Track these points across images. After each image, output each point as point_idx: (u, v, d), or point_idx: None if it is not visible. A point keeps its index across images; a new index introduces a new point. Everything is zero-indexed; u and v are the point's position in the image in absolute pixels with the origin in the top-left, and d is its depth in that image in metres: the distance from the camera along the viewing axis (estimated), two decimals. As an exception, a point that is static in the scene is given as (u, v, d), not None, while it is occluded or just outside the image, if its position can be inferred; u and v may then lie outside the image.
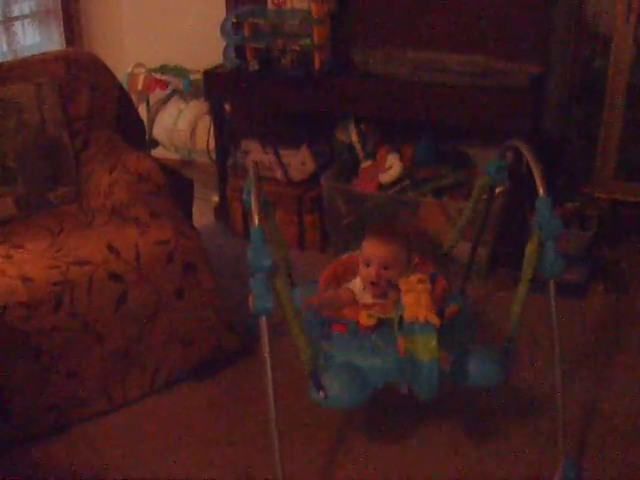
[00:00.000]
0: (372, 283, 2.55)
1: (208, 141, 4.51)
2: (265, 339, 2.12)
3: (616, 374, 2.98)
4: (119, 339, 2.78)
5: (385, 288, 2.53)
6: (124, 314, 2.76)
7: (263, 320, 2.11)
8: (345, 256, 2.81)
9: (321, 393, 2.30)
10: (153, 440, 2.71)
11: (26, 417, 2.66)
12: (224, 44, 3.85)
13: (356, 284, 2.62)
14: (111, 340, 2.76)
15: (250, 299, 2.10)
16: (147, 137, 4.42)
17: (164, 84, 4.62)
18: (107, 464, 2.60)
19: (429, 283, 2.30)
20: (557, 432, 2.41)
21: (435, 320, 2.18)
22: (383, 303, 2.52)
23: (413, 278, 2.29)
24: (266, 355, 2.13)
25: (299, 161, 3.93)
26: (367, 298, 2.58)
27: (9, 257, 2.82)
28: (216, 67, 3.98)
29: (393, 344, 2.30)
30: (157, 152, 4.60)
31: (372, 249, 2.56)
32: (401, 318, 2.23)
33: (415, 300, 2.21)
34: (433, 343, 2.16)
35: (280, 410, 2.18)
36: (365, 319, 2.43)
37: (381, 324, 2.43)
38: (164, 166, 3.20)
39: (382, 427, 2.76)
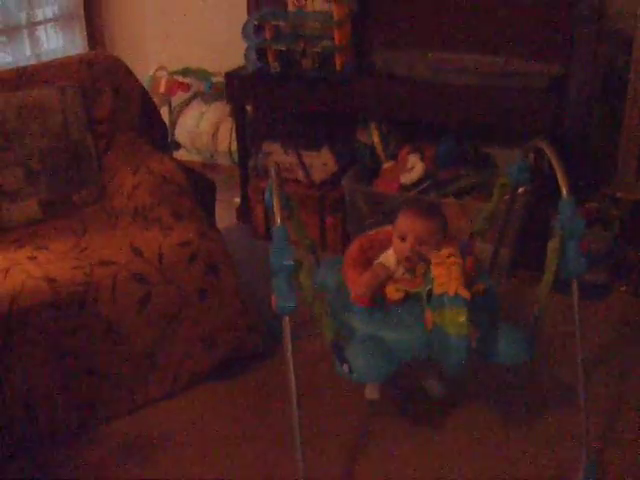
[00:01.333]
0: (406, 258, 2.46)
1: (230, 143, 4.52)
2: (288, 339, 2.13)
3: (638, 374, 2.97)
4: (142, 340, 2.80)
5: (417, 262, 2.44)
6: (147, 315, 2.77)
7: (286, 320, 2.12)
8: (372, 231, 2.74)
9: (345, 366, 2.27)
10: (175, 440, 2.73)
11: (51, 418, 2.68)
12: (245, 46, 3.86)
13: (388, 257, 2.52)
14: (134, 340, 2.78)
15: (273, 299, 2.11)
16: (169, 140, 4.44)
17: (186, 87, 4.64)
18: (129, 465, 2.62)
19: (460, 257, 2.25)
20: (581, 432, 2.40)
21: (466, 294, 2.14)
22: (411, 278, 2.47)
23: (444, 251, 2.24)
24: (289, 355, 2.14)
25: (321, 162, 3.94)
26: (399, 272, 2.50)
27: (34, 258, 2.84)
28: (238, 69, 3.99)
29: (420, 318, 2.26)
30: (179, 155, 4.63)
31: (409, 223, 2.47)
32: (430, 291, 2.19)
33: (446, 273, 2.17)
34: (463, 317, 2.12)
35: (302, 410, 2.19)
36: (392, 293, 2.38)
37: (408, 298, 2.38)
38: (186, 168, 3.22)
39: (405, 421, 2.77)
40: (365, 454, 2.63)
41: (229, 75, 3.99)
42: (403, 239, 2.47)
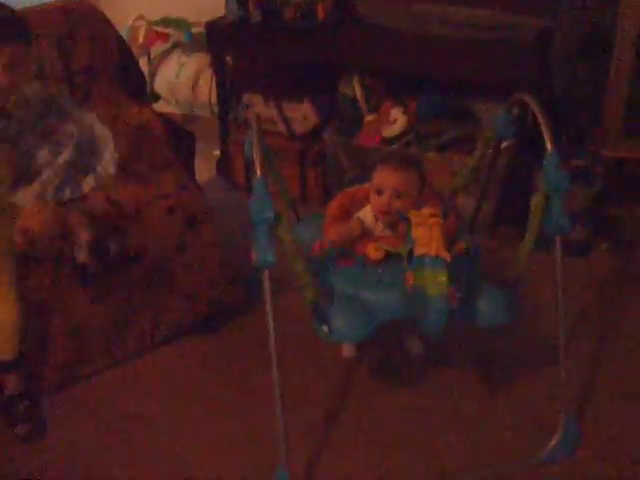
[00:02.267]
0: (383, 212, 2.44)
1: (210, 95, 4.46)
2: (267, 293, 2.11)
3: (618, 332, 2.98)
4: (121, 294, 2.77)
5: (396, 218, 2.40)
6: (125, 269, 2.74)
7: (266, 273, 2.09)
8: (353, 188, 2.69)
9: (325, 327, 2.26)
10: (152, 395, 2.72)
11: (32, 374, 2.66)
12: (226, -5, 3.80)
13: (366, 213, 2.50)
14: (113, 294, 2.75)
15: (252, 252, 2.08)
16: (148, 91, 4.37)
17: (165, 37, 4.57)
18: (109, 422, 2.60)
19: (441, 218, 2.21)
20: (560, 389, 2.40)
21: (446, 255, 2.11)
22: (392, 236, 2.45)
23: (425, 211, 2.19)
24: (268, 309, 2.11)
25: (301, 115, 3.90)
26: (378, 229, 2.48)
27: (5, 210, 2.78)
28: (218, 19, 3.93)
29: (401, 279, 2.22)
30: (158, 106, 4.54)
31: (384, 176, 2.44)
32: (411, 252, 2.16)
33: (426, 234, 2.13)
34: (443, 278, 2.09)
35: (282, 366, 2.17)
36: (373, 252, 2.35)
37: (389, 258, 2.35)
38: (165, 119, 3.16)
39: (388, 380, 2.77)
40: (344, 412, 2.63)
41: (209, 25, 3.93)
42: (380, 193, 2.44)
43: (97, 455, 2.48)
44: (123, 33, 3.87)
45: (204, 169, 4.07)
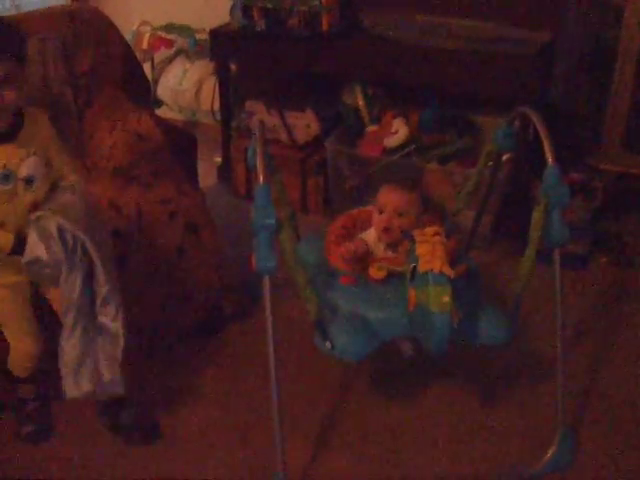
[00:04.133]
0: (385, 230, 2.47)
1: (213, 102, 4.46)
2: (267, 299, 2.10)
3: (616, 345, 2.98)
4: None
5: (398, 236, 2.45)
6: (124, 272, 2.73)
7: (266, 280, 2.09)
8: (355, 210, 2.73)
9: (327, 343, 2.27)
10: (150, 400, 2.71)
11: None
12: (231, 3, 3.80)
13: (370, 234, 2.54)
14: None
15: (253, 259, 2.09)
16: (152, 97, 4.38)
17: (170, 43, 4.58)
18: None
19: (444, 236, 2.23)
20: (557, 401, 2.41)
21: (450, 272, 2.12)
22: (394, 256, 2.47)
23: (429, 230, 2.22)
24: (268, 314, 2.11)
25: (304, 124, 3.91)
26: (380, 249, 2.51)
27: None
28: (223, 26, 3.94)
29: (403, 297, 2.23)
30: (161, 112, 4.56)
31: (387, 195, 2.49)
32: (414, 269, 2.17)
33: (430, 251, 2.15)
34: (447, 295, 2.10)
35: (280, 372, 2.17)
36: (375, 271, 2.36)
37: (391, 277, 2.36)
38: (166, 124, 3.16)
39: (386, 389, 2.78)
40: (342, 417, 2.64)
41: (214, 32, 3.94)
42: (381, 212, 2.49)
43: (98, 459, 2.48)
44: (127, 38, 3.86)
45: (205, 176, 4.06)
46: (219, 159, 4.26)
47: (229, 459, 2.48)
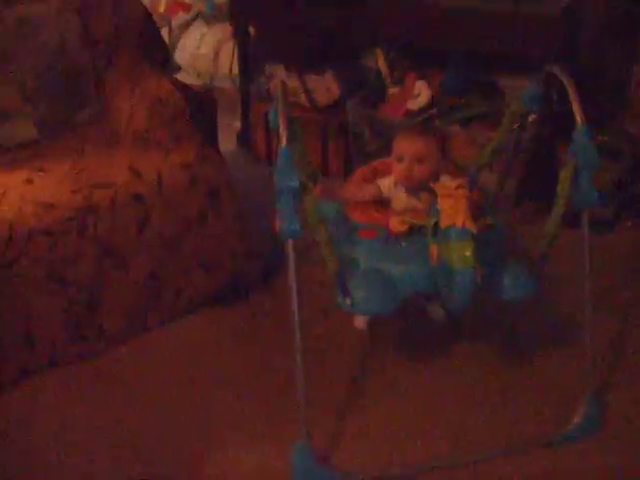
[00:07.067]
0: (406, 177, 2.42)
1: (231, 66, 4.43)
2: (292, 264, 2.08)
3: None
4: (142, 265, 2.76)
5: (418, 183, 2.41)
6: (147, 238, 2.73)
7: (290, 243, 2.06)
8: (375, 162, 2.69)
9: (347, 299, 2.23)
10: (173, 366, 2.71)
11: (51, 347, 2.65)
12: (249, -35, 3.76)
13: (384, 181, 2.49)
14: (134, 266, 2.74)
15: (276, 222, 2.06)
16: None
17: (187, 7, 4.55)
18: (131, 394, 2.59)
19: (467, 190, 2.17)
20: (584, 368, 2.38)
21: (473, 227, 2.07)
22: (415, 210, 2.42)
23: (451, 183, 2.16)
24: (292, 280, 2.09)
25: (324, 86, 3.87)
26: (399, 196, 2.47)
27: (30, 181, 2.77)
28: (241, -11, 3.90)
29: (425, 252, 2.20)
30: (179, 77, 4.52)
31: (404, 144, 2.44)
32: (436, 224, 2.13)
33: (453, 205, 2.09)
34: (469, 250, 2.06)
35: (304, 336, 2.15)
36: (396, 225, 2.32)
37: (413, 231, 2.32)
38: (186, 89, 3.13)
39: (415, 350, 2.76)
40: (369, 382, 2.62)
41: (232, -5, 3.90)
42: (401, 160, 2.44)
43: (98, 434, 2.45)
44: (144, 2, 3.84)
45: (225, 141, 4.02)
46: (238, 124, 4.22)
47: (252, 429, 2.45)
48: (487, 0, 3.39)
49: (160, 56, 3.49)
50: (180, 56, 4.67)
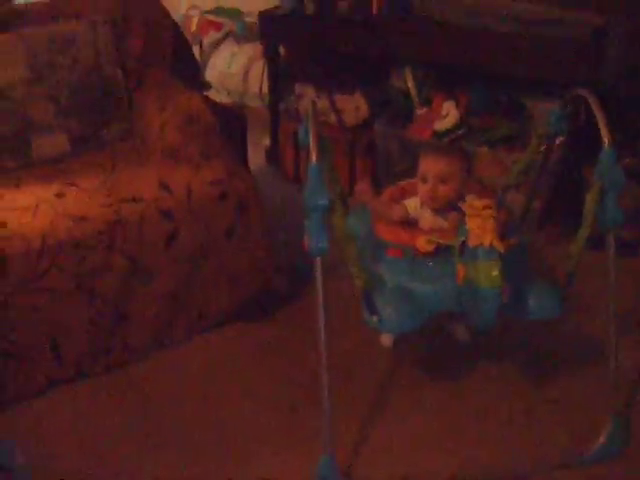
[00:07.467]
0: (430, 198, 2.44)
1: (261, 85, 4.47)
2: (319, 281, 2.10)
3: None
4: (169, 279, 2.78)
5: (443, 204, 2.43)
6: (174, 252, 2.76)
7: (318, 261, 2.08)
8: (404, 182, 2.71)
9: (374, 317, 2.26)
10: (198, 380, 2.73)
11: (77, 358, 2.69)
12: (281, -14, 3.80)
13: (411, 202, 2.52)
14: (161, 280, 2.77)
15: (305, 239, 2.08)
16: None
17: (218, 26, 4.58)
18: (156, 406, 2.62)
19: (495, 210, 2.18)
20: (608, 389, 2.37)
21: (501, 247, 2.08)
22: (442, 229, 2.43)
23: (479, 203, 2.17)
24: (319, 295, 2.11)
25: (353, 106, 3.90)
26: (426, 217, 2.49)
27: (62, 195, 2.81)
28: (271, 9, 3.94)
29: (451, 271, 2.20)
30: (209, 95, 4.56)
31: (427, 164, 2.46)
32: (463, 244, 2.14)
33: (481, 225, 2.11)
34: (497, 270, 2.07)
35: (330, 352, 2.16)
36: (423, 244, 2.31)
37: (439, 250, 2.32)
38: (216, 105, 3.17)
39: (439, 367, 2.78)
40: (390, 401, 2.63)
41: (262, 15, 3.94)
42: (425, 180, 2.46)
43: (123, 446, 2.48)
44: (177, 21, 3.89)
45: (254, 158, 4.07)
46: (267, 142, 4.25)
47: (277, 442, 2.47)
48: (515, 22, 3.40)
49: (191, 73, 3.54)
50: (210, 74, 4.71)
